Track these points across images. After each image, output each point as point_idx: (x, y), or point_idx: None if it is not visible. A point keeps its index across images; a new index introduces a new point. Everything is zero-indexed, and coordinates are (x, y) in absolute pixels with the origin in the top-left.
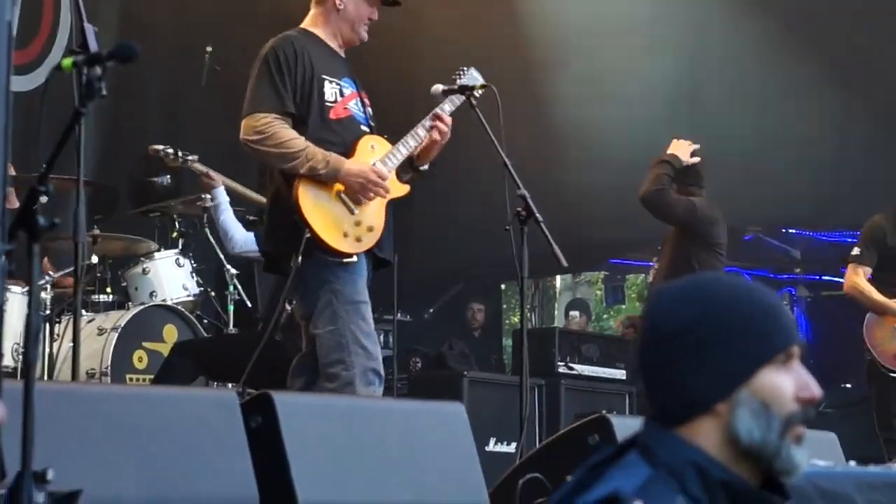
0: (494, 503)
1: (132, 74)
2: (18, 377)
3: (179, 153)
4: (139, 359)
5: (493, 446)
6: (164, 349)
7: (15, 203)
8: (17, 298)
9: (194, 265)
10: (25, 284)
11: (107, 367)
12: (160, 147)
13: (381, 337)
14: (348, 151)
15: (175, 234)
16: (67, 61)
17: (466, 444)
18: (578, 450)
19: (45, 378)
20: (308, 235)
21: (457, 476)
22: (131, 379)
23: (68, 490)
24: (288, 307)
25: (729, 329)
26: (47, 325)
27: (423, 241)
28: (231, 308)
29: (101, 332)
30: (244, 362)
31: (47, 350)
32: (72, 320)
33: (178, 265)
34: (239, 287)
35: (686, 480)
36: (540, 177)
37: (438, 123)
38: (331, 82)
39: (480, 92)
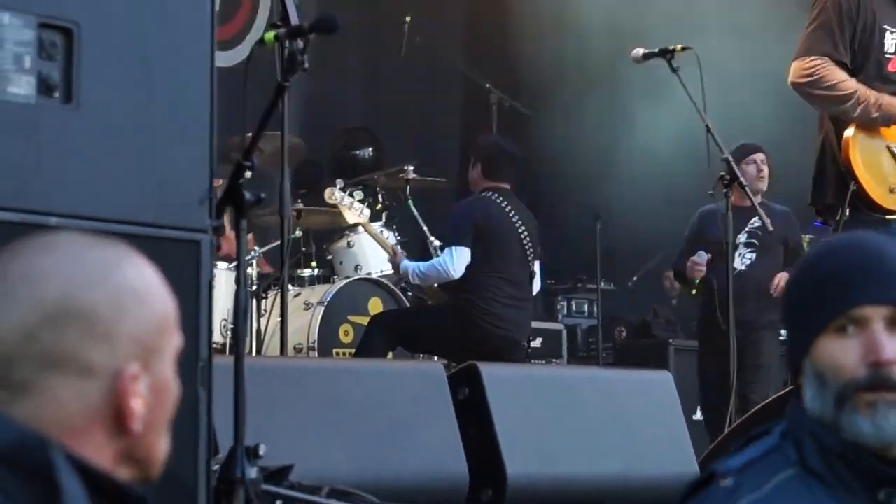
0: None
1: (330, 47)
2: (227, 353)
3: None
4: (345, 332)
5: (700, 415)
6: None
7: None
8: (223, 275)
9: (398, 237)
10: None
11: (314, 342)
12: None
13: (586, 306)
14: None
15: (378, 207)
16: (269, 35)
17: (675, 414)
18: None
19: (254, 354)
20: (854, 188)
21: (665, 446)
22: (338, 353)
23: (280, 465)
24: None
25: (797, 299)
26: (254, 300)
27: (623, 208)
28: None
29: (307, 306)
30: (439, 333)
31: (255, 326)
32: (279, 295)
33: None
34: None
35: (805, 451)
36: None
37: None
38: (892, 33)
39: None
